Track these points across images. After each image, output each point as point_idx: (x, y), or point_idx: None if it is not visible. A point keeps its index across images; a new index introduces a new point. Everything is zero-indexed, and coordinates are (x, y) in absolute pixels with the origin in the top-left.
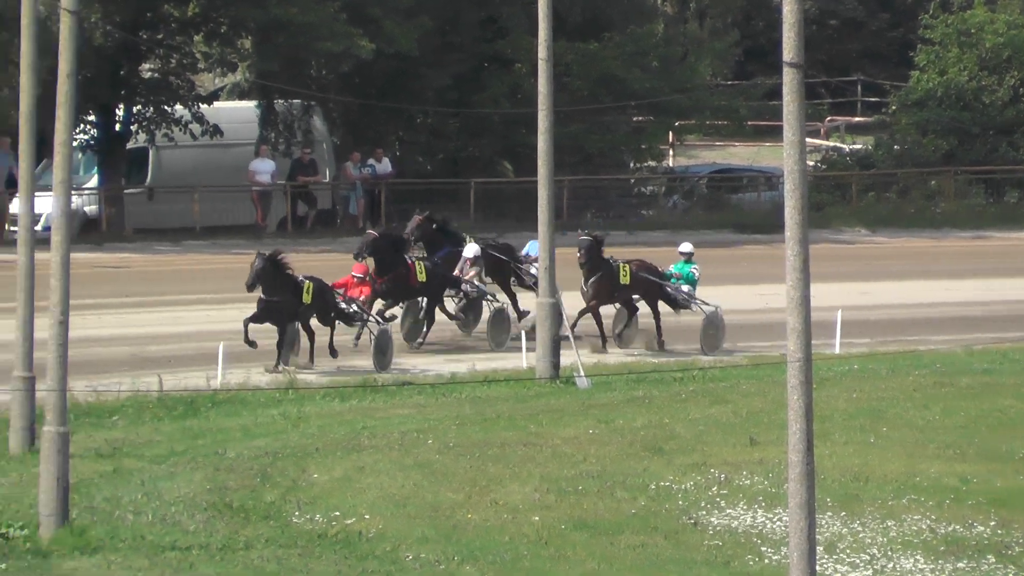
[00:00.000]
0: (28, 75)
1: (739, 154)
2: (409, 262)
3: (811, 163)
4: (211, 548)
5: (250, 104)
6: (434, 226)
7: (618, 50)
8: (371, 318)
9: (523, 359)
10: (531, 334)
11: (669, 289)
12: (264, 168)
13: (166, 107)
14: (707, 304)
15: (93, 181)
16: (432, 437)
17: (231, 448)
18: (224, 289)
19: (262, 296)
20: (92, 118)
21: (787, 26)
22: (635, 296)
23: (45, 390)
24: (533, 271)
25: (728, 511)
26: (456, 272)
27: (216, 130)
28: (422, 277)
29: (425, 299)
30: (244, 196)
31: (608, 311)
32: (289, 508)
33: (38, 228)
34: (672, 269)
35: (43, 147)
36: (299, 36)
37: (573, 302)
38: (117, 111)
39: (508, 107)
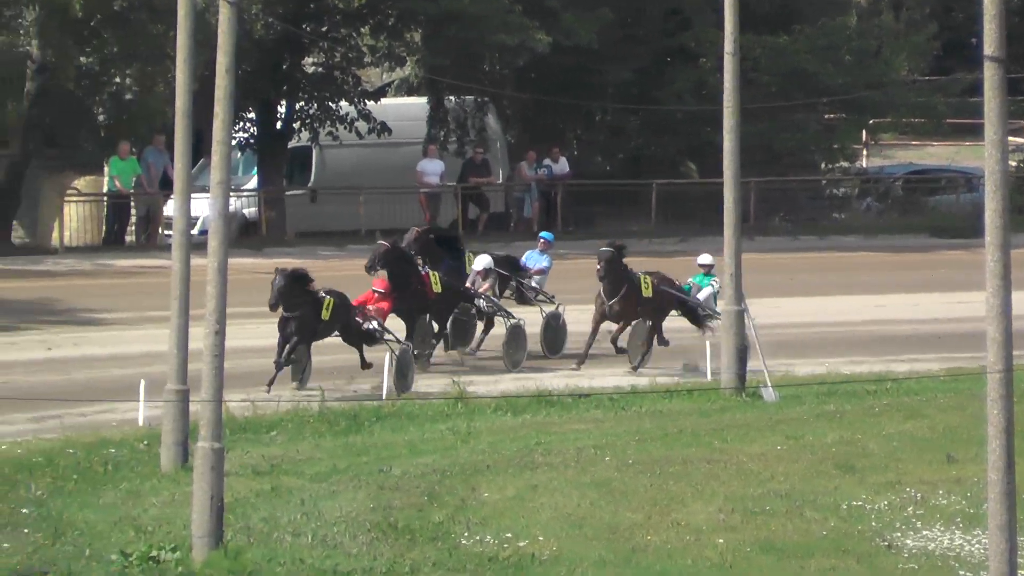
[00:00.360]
0: (184, 70)
1: (937, 154)
2: (423, 273)
3: (1013, 163)
4: (375, 572)
5: (419, 100)
6: (432, 237)
7: (809, 43)
8: (393, 337)
9: (707, 371)
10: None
11: (691, 304)
12: (433, 169)
13: (330, 103)
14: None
15: (253, 182)
16: (610, 453)
17: (397, 465)
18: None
19: (283, 313)
20: (252, 115)
21: (988, 18)
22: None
23: (199, 402)
24: (535, 283)
25: (924, 532)
26: (468, 285)
27: (383, 128)
28: (438, 288)
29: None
30: (412, 198)
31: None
32: (458, 529)
33: (194, 232)
34: (691, 281)
35: (200, 146)
36: (471, 28)
37: (582, 316)
38: (278, 108)
39: (692, 104)
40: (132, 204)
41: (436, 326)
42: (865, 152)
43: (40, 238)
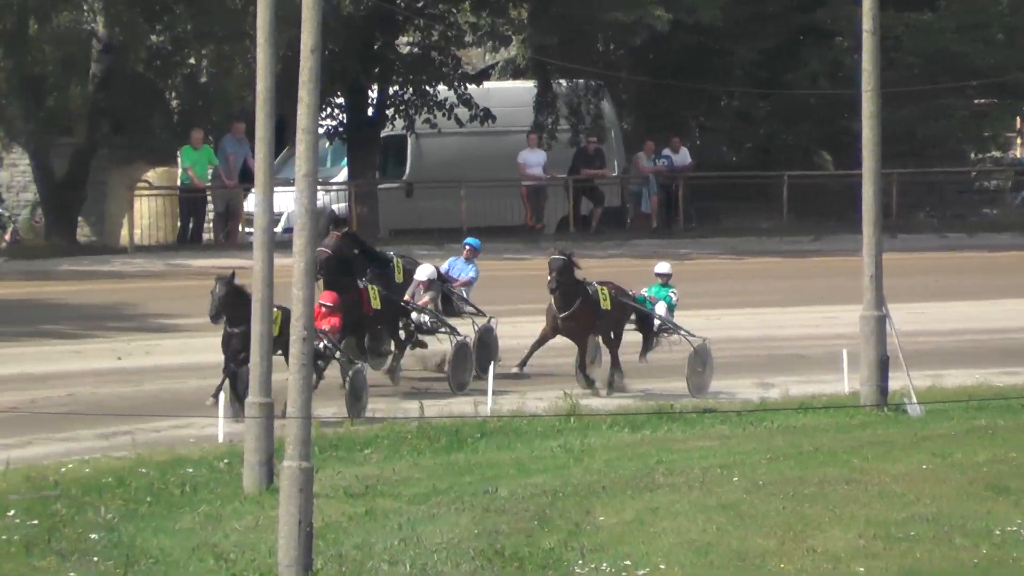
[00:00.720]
0: (265, 50)
1: None
2: (361, 286)
3: None
4: None
5: (525, 84)
6: (355, 248)
7: (956, 21)
8: (345, 356)
9: (844, 383)
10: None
11: (649, 317)
12: (535, 160)
13: (427, 88)
14: (694, 336)
15: (342, 174)
16: (738, 473)
17: (503, 486)
18: (505, 300)
19: (225, 328)
20: (340, 101)
21: None
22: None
23: (285, 417)
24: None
25: None
26: (407, 297)
27: (487, 115)
28: (376, 304)
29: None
30: (518, 192)
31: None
32: (571, 556)
33: (278, 230)
34: (645, 293)
35: (283, 134)
36: (582, 5)
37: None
38: (370, 92)
39: (827, 87)
40: (209, 199)
41: (393, 343)
42: (1019, 141)
43: (108, 236)
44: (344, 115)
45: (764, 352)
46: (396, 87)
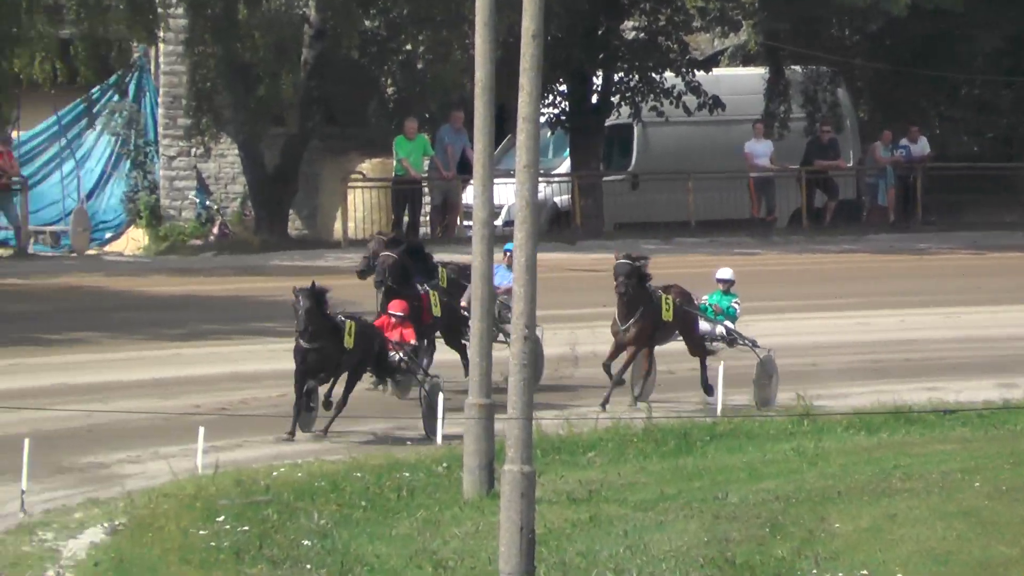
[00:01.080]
0: (484, 35)
1: None
2: (422, 292)
3: None
4: None
5: (756, 71)
6: (401, 251)
7: None
8: (422, 370)
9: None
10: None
11: (706, 326)
12: (762, 150)
13: (654, 74)
14: (759, 347)
15: (564, 165)
16: (980, 478)
17: (734, 491)
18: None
19: (301, 342)
20: (563, 88)
21: None
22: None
23: (506, 418)
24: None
25: None
26: (463, 304)
27: (715, 103)
28: (436, 311)
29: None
30: (743, 185)
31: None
32: (805, 565)
33: (497, 223)
34: (707, 300)
35: (503, 124)
36: None
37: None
38: (593, 80)
39: None
40: (425, 191)
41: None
42: None
43: (320, 230)
44: (566, 103)
45: (1007, 352)
46: (621, 74)
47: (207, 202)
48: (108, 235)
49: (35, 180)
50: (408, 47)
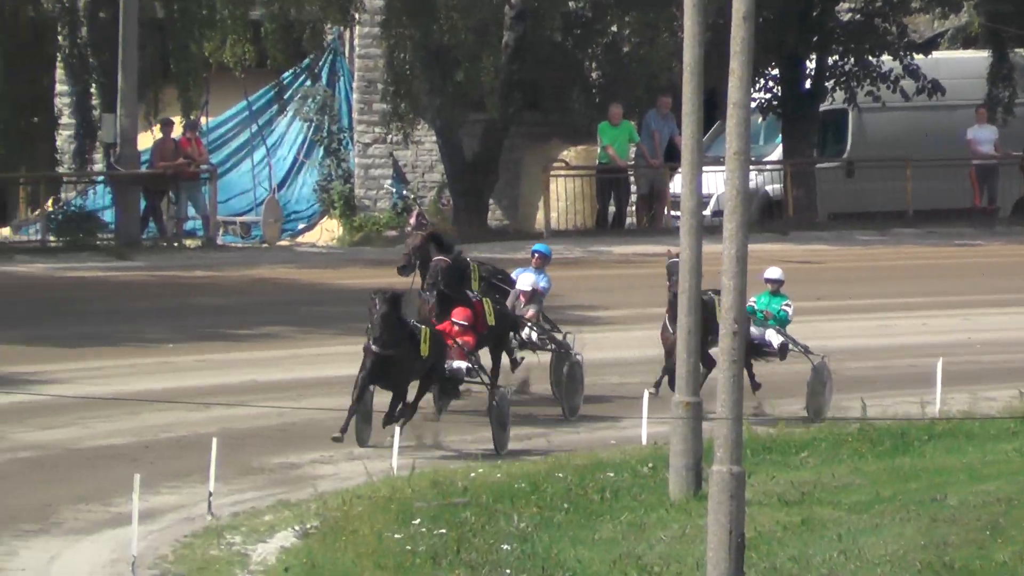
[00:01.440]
0: (693, 17)
1: None
2: (475, 299)
3: None
4: None
5: (978, 55)
6: (435, 245)
7: None
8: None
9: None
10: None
11: (755, 330)
12: (985, 136)
13: (869, 58)
14: (813, 354)
15: (776, 153)
16: None
17: (952, 493)
18: (939, 291)
19: (372, 348)
20: (775, 72)
21: None
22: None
23: (715, 418)
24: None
25: None
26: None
27: (935, 87)
28: (491, 320)
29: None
30: (963, 174)
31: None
32: None
33: (706, 213)
34: (755, 303)
35: (712, 110)
36: None
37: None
38: (806, 64)
39: None
40: (632, 179)
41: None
42: None
43: (522, 220)
44: (778, 88)
45: None
46: (835, 57)
47: (403, 191)
48: (300, 226)
49: (224, 168)
50: (613, 29)
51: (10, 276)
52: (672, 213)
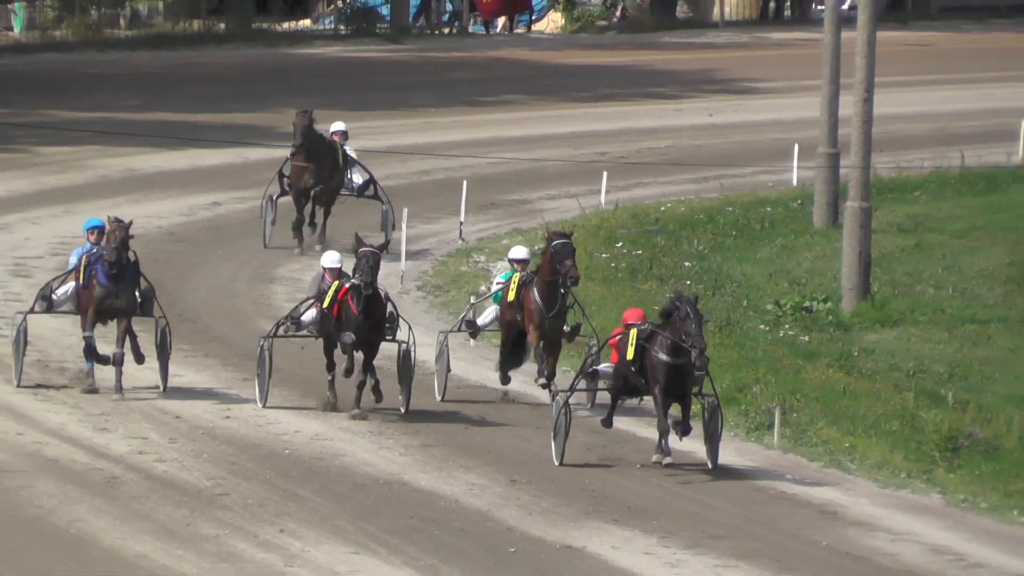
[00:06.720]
0: None
1: None
2: None
3: None
4: (1010, 320)
5: None
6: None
7: None
8: None
9: None
10: None
11: None
12: None
13: None
14: None
15: None
16: None
17: None
18: None
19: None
20: None
21: None
22: None
23: (848, 167)
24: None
25: None
26: None
27: None
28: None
29: None
30: None
31: None
32: None
33: (844, 7)
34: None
35: None
36: None
37: None
38: None
39: None
40: None
41: None
42: None
43: (702, 12)
44: None
45: None
46: None
47: None
48: (532, 16)
49: None
50: None
51: (310, 57)
52: (818, 7)
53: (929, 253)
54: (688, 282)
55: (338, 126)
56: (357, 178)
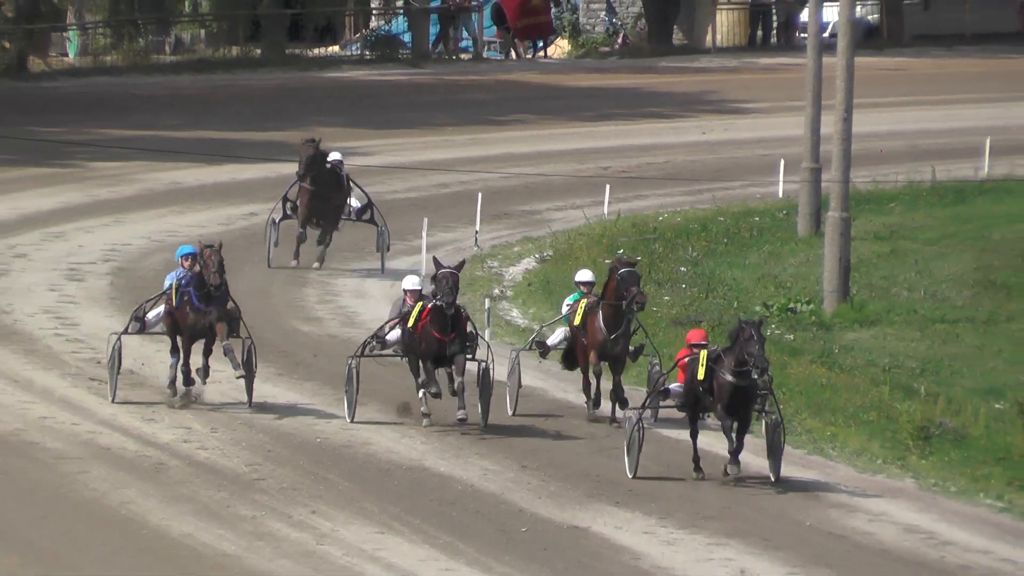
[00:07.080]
0: None
1: None
2: None
3: None
4: (976, 320)
5: None
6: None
7: None
8: None
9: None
10: None
11: None
12: None
13: None
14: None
15: None
16: None
17: (996, 231)
18: (989, 90)
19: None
20: None
21: None
22: None
23: (829, 181)
24: None
25: None
26: None
27: None
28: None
29: None
30: (1012, 5)
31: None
32: None
33: (825, 35)
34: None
35: None
36: None
37: None
38: None
39: None
40: (774, 11)
41: None
42: None
43: (696, 39)
44: None
45: None
46: None
47: (613, 19)
48: (540, 43)
49: None
50: None
51: (338, 81)
52: (801, 35)
53: (903, 259)
54: (683, 286)
55: (335, 156)
56: (355, 203)
